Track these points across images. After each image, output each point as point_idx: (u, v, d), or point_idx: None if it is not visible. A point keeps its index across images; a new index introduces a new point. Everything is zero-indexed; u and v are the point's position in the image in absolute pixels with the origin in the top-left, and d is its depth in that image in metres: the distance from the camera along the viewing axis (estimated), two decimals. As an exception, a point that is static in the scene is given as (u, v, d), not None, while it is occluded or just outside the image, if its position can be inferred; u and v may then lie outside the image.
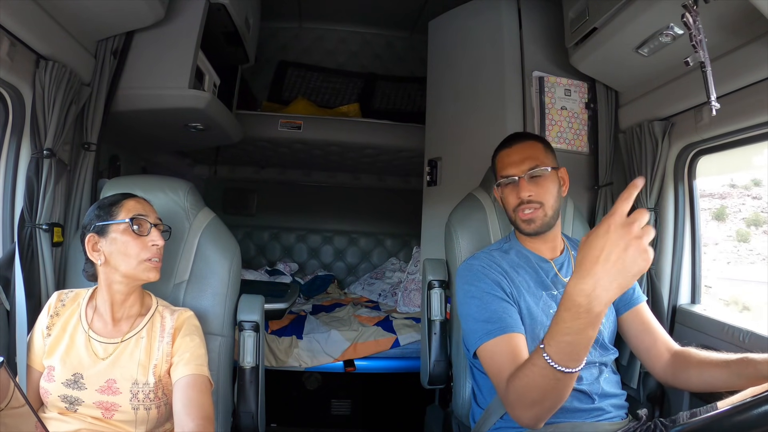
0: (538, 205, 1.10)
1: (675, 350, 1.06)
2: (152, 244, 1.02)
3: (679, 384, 1.04)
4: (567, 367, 0.73)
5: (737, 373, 0.89)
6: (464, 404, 1.27)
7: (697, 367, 0.98)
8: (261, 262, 3.41)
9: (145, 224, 1.02)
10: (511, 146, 1.16)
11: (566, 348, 0.72)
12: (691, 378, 0.99)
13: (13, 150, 1.28)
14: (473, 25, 1.91)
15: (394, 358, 2.28)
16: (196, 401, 0.94)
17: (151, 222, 1.03)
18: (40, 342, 1.01)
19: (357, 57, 3.20)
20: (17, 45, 1.17)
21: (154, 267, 1.02)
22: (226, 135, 2.20)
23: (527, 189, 1.09)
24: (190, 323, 1.06)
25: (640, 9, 1.17)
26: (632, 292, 1.15)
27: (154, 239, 1.02)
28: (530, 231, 1.12)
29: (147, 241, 1.01)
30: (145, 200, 1.07)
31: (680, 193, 1.45)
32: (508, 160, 1.14)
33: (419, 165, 2.22)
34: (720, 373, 0.93)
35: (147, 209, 1.05)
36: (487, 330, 0.99)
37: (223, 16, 1.81)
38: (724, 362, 0.93)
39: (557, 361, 0.73)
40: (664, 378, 1.06)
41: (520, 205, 1.11)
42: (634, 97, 1.55)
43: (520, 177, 1.11)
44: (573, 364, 0.73)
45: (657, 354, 1.07)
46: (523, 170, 1.11)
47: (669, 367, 1.04)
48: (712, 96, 0.91)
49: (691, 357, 1.01)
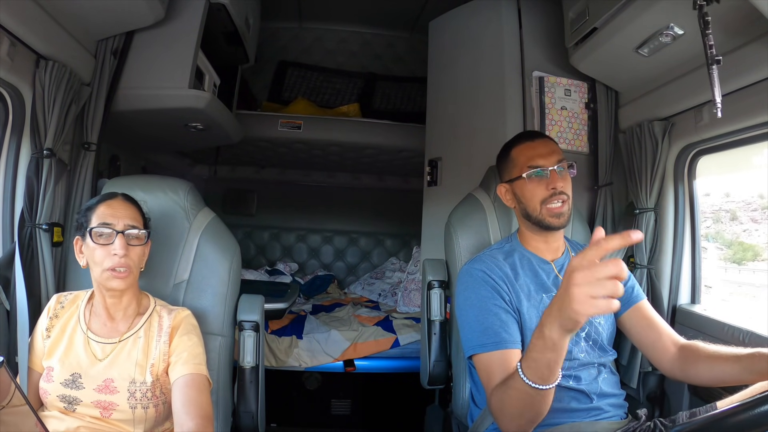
0: (566, 197, 1.10)
1: (681, 344, 1.05)
2: (113, 254, 0.97)
3: (687, 378, 1.04)
4: (538, 384, 0.76)
5: (749, 369, 0.89)
6: (464, 404, 1.27)
7: (706, 362, 0.97)
8: (261, 262, 3.41)
9: (109, 233, 0.97)
10: (534, 140, 1.15)
11: (532, 365, 0.76)
12: (701, 372, 0.98)
13: (13, 150, 1.28)
14: (473, 25, 1.91)
15: (394, 358, 2.28)
16: (195, 400, 0.94)
17: (118, 229, 0.98)
18: (40, 344, 1.01)
19: (357, 57, 3.19)
20: (17, 45, 1.17)
21: (116, 277, 0.97)
22: (226, 135, 2.20)
23: (559, 180, 1.09)
24: (187, 322, 1.06)
25: (640, 9, 1.17)
26: (631, 291, 1.15)
27: (116, 249, 0.97)
28: (558, 225, 1.10)
29: (111, 249, 0.97)
30: (124, 202, 1.03)
31: (680, 193, 1.45)
32: (534, 153, 1.12)
33: (419, 165, 2.22)
34: (730, 368, 0.92)
35: (119, 214, 1.00)
36: (482, 342, 1.00)
37: (223, 16, 1.81)
38: (735, 357, 0.92)
39: (530, 378, 0.76)
40: (672, 372, 1.05)
41: (552, 197, 1.09)
42: (634, 97, 1.55)
43: (551, 168, 1.10)
44: (542, 381, 0.76)
45: (663, 348, 1.06)
46: (553, 162, 1.10)
47: (676, 361, 1.04)
48: (718, 99, 0.90)
49: (700, 351, 1.00)
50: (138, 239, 1.02)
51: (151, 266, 1.18)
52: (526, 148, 1.14)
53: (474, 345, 1.02)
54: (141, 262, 1.04)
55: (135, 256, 1.00)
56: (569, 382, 1.04)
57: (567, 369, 1.05)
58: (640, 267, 1.45)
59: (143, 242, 1.03)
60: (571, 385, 1.04)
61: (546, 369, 0.74)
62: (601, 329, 1.10)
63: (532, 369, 0.76)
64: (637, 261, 1.46)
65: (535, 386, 0.76)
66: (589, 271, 0.62)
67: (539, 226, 1.12)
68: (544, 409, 0.81)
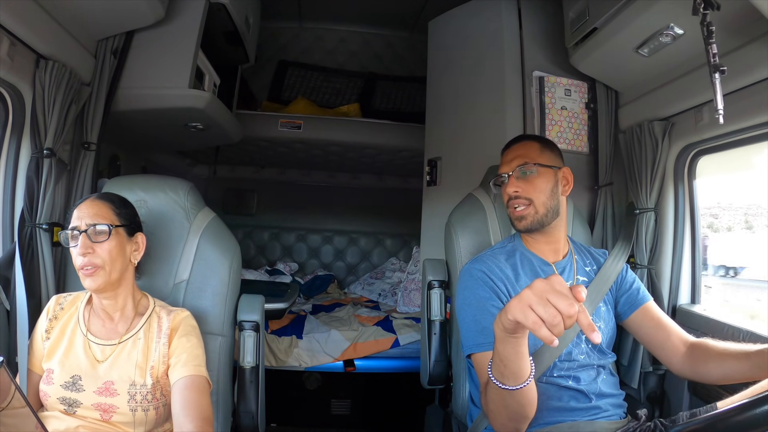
0: (527, 201, 1.11)
1: (690, 342, 1.05)
2: (78, 254, 0.97)
3: (698, 377, 1.04)
4: (502, 383, 0.79)
5: (759, 365, 0.89)
6: (464, 404, 1.27)
7: (716, 360, 0.98)
8: (261, 262, 3.41)
9: (74, 235, 0.97)
10: (510, 146, 1.19)
11: (494, 360, 0.79)
12: (711, 370, 0.99)
13: (13, 150, 1.28)
14: (473, 25, 1.91)
15: (394, 358, 2.28)
16: (195, 402, 0.93)
17: (81, 229, 0.97)
18: (40, 345, 1.00)
19: (357, 57, 3.19)
20: (17, 45, 1.17)
21: (86, 275, 0.97)
22: (226, 135, 2.20)
23: (514, 185, 1.12)
24: (186, 323, 1.05)
25: (640, 9, 1.17)
26: (636, 293, 1.15)
27: (78, 248, 0.97)
28: (521, 228, 1.14)
29: (77, 250, 0.97)
30: (93, 201, 1.02)
31: (680, 193, 1.45)
32: (503, 160, 1.18)
33: (419, 165, 2.21)
34: (740, 365, 0.93)
35: (82, 214, 0.99)
36: (478, 342, 1.01)
37: (223, 16, 1.81)
38: (744, 354, 0.93)
39: (494, 375, 0.80)
40: (682, 371, 1.06)
41: (509, 201, 1.14)
42: (634, 97, 1.55)
43: (509, 174, 1.14)
44: (503, 379, 0.78)
45: (672, 348, 1.07)
46: (512, 167, 1.14)
47: (686, 359, 1.04)
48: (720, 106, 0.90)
49: (710, 349, 1.00)
50: (101, 234, 0.98)
51: (151, 266, 1.18)
52: (504, 155, 1.20)
53: (471, 345, 1.03)
54: (119, 258, 0.99)
55: (103, 252, 0.97)
56: (569, 382, 1.05)
57: (567, 370, 1.06)
58: (640, 267, 1.45)
59: (107, 237, 0.98)
60: (571, 385, 1.05)
61: (502, 364, 0.77)
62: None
63: (494, 366, 0.80)
64: (637, 261, 1.46)
65: (499, 385, 0.79)
66: (547, 291, 0.62)
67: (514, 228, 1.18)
68: (521, 410, 0.83)
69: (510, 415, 0.85)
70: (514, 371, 0.77)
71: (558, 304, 0.61)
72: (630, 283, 1.17)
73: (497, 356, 0.77)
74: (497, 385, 0.79)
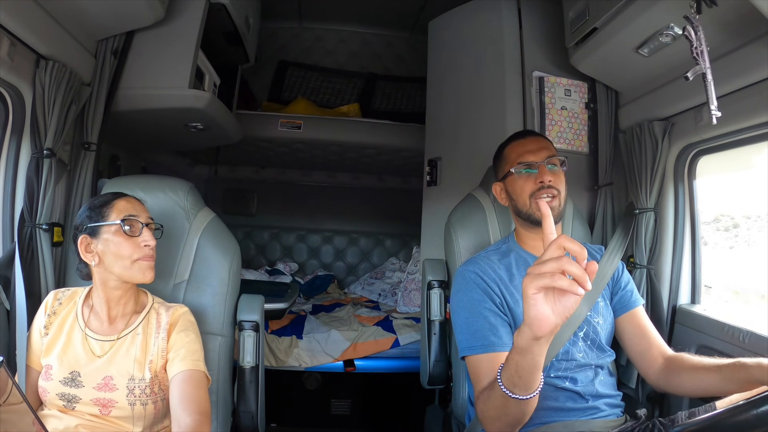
0: (556, 192, 1.10)
1: (668, 355, 1.06)
2: (144, 245, 1.01)
3: (671, 389, 1.05)
4: (514, 393, 0.76)
5: (729, 378, 0.89)
6: (464, 404, 1.27)
7: (689, 372, 0.98)
8: (261, 262, 3.41)
9: (137, 224, 1.01)
10: (525, 138, 1.17)
11: (506, 370, 0.76)
12: (684, 383, 1.00)
13: (13, 150, 1.28)
14: (473, 25, 1.91)
15: (394, 358, 2.28)
16: (193, 396, 0.94)
17: (142, 222, 1.02)
18: (38, 341, 1.01)
19: (357, 57, 3.19)
20: (17, 45, 1.17)
21: (149, 267, 1.01)
22: (226, 135, 2.20)
23: (549, 174, 1.10)
24: (185, 319, 1.06)
25: (640, 9, 1.17)
26: (629, 295, 1.15)
27: (146, 239, 1.01)
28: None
29: (139, 241, 1.00)
30: (135, 199, 1.06)
31: (680, 193, 1.45)
32: (523, 149, 1.14)
33: (419, 165, 2.21)
34: (712, 378, 0.93)
35: (138, 209, 1.04)
36: (471, 345, 1.01)
37: (223, 16, 1.81)
38: (716, 367, 0.93)
39: (505, 384, 0.77)
40: (657, 383, 1.06)
41: (539, 191, 1.10)
42: (634, 97, 1.55)
43: (539, 163, 1.11)
44: (515, 388, 0.76)
45: (651, 359, 1.07)
46: (541, 157, 1.12)
47: (662, 371, 1.04)
48: (713, 105, 0.90)
49: (684, 362, 1.01)
50: (158, 231, 1.08)
51: (151, 266, 1.18)
52: (517, 145, 1.16)
53: (464, 347, 1.03)
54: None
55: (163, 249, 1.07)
56: (565, 383, 1.04)
57: (564, 370, 1.05)
58: (640, 267, 1.45)
59: (161, 235, 1.09)
60: (568, 386, 1.04)
61: (516, 375, 0.74)
62: (599, 329, 1.10)
63: (506, 375, 0.77)
64: (637, 261, 1.46)
65: (509, 394, 0.76)
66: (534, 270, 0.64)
67: (530, 222, 1.13)
68: (522, 417, 0.82)
69: (509, 421, 0.84)
70: (526, 383, 0.75)
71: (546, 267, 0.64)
72: (625, 284, 1.17)
73: (513, 367, 0.75)
74: (506, 393, 0.77)
